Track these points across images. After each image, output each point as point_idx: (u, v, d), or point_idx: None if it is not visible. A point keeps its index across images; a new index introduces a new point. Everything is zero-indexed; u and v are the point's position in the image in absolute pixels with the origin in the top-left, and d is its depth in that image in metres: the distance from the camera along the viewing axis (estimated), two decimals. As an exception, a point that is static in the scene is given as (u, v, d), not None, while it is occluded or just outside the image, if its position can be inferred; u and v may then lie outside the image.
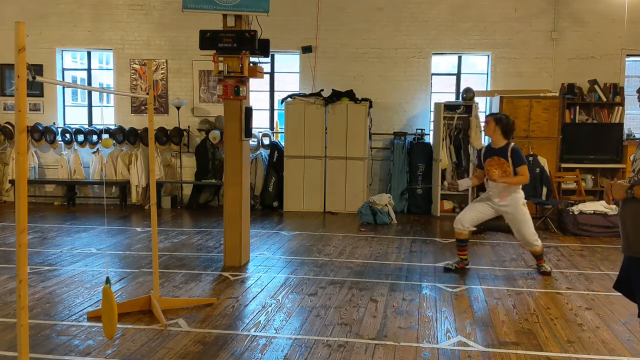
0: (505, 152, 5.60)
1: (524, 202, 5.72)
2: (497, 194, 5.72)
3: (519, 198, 5.69)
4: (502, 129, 5.65)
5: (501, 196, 5.69)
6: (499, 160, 5.61)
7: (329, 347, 3.86)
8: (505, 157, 5.59)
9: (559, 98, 9.32)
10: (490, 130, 5.69)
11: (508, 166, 5.58)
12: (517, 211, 5.68)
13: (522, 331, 4.20)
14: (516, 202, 5.67)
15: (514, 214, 5.70)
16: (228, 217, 6.07)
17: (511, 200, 5.68)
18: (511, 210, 5.70)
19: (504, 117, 5.78)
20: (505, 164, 5.58)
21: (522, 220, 5.70)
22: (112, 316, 3.42)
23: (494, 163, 5.64)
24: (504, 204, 5.71)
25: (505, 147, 5.64)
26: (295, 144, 9.67)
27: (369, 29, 10.03)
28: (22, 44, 2.47)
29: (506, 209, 5.73)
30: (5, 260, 6.11)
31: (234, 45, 5.74)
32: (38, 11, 10.29)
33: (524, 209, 5.69)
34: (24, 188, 2.53)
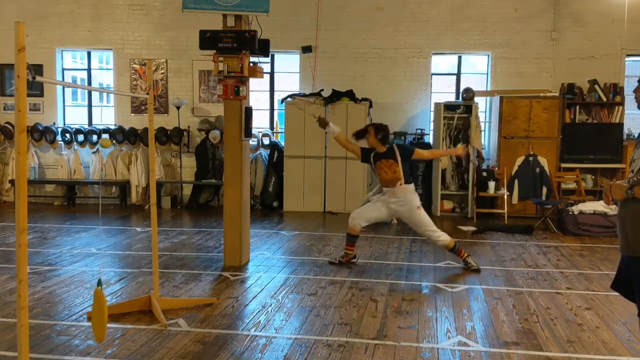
0: (392, 153, 5.90)
1: (418, 206, 5.92)
2: (392, 199, 5.94)
3: (412, 199, 5.91)
4: (382, 137, 5.94)
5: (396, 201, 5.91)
6: (387, 162, 5.89)
7: (329, 347, 3.86)
8: (393, 158, 5.87)
9: (559, 98, 9.32)
10: (371, 139, 5.96)
11: (397, 166, 5.84)
12: (412, 214, 5.91)
13: (522, 331, 4.20)
14: (411, 204, 5.89)
15: (410, 217, 5.95)
16: (228, 217, 6.07)
17: (405, 205, 5.90)
18: (407, 214, 5.96)
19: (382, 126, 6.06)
20: (394, 164, 5.85)
21: (420, 222, 5.92)
22: (102, 319, 3.37)
23: (382, 165, 5.90)
24: (398, 208, 5.95)
25: (390, 150, 5.95)
26: (295, 144, 9.66)
27: (369, 29, 10.03)
28: (22, 44, 2.47)
29: (402, 213, 5.99)
30: (5, 260, 6.11)
31: (234, 45, 5.74)
32: (38, 11, 10.29)
33: (419, 212, 5.90)
34: (24, 188, 2.53)
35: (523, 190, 8.88)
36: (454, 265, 6.18)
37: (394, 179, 5.86)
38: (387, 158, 5.89)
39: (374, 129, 5.99)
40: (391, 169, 5.87)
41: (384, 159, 5.91)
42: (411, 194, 5.93)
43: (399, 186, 5.84)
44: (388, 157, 5.90)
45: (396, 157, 5.87)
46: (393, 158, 5.88)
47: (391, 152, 5.92)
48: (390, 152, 5.92)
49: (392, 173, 5.86)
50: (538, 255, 6.73)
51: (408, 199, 5.90)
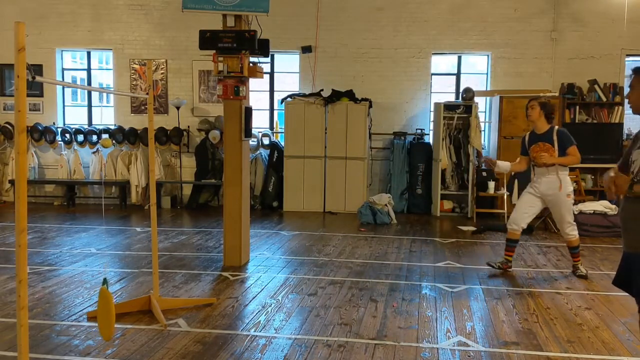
0: (550, 137, 5.58)
1: (568, 193, 5.64)
2: (544, 181, 5.65)
3: (565, 185, 5.60)
4: (546, 113, 5.63)
5: (547, 182, 5.62)
6: (544, 146, 5.57)
7: (328, 347, 3.86)
8: (550, 141, 5.56)
9: (558, 98, 9.31)
10: (535, 115, 5.65)
11: (554, 151, 5.53)
12: (559, 199, 5.61)
13: (522, 331, 4.20)
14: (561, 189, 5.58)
15: (556, 201, 5.65)
16: (228, 217, 6.07)
17: (556, 187, 5.59)
18: (554, 198, 5.64)
19: (548, 101, 5.77)
20: (551, 148, 5.54)
21: (563, 209, 5.64)
22: (109, 318, 3.39)
23: (538, 149, 5.60)
24: (548, 191, 5.64)
25: (549, 131, 5.62)
26: (295, 144, 9.67)
27: (369, 29, 10.03)
28: (22, 44, 2.47)
29: (550, 197, 5.66)
30: (5, 260, 6.11)
31: (234, 45, 5.73)
32: (38, 11, 10.29)
33: (567, 199, 5.62)
34: (23, 188, 2.53)
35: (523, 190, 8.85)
36: (454, 265, 6.18)
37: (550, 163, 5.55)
38: (545, 141, 5.56)
39: (539, 103, 5.65)
40: (548, 153, 5.53)
41: (540, 141, 5.59)
42: (563, 178, 5.60)
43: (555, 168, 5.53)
44: (545, 139, 5.57)
45: (553, 142, 5.54)
46: (550, 142, 5.54)
47: (550, 135, 5.57)
48: (549, 135, 5.57)
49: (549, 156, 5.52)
50: (538, 255, 6.73)
51: (561, 182, 5.59)
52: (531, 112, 5.69)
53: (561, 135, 5.56)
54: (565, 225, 5.71)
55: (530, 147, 5.69)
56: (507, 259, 5.90)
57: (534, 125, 5.73)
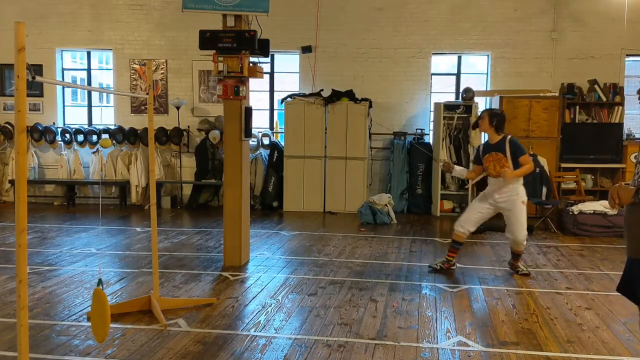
0: (503, 147, 5.60)
1: (523, 201, 5.68)
2: (498, 189, 5.68)
3: (519, 194, 5.65)
4: (497, 123, 5.67)
5: (501, 191, 5.65)
6: (496, 156, 5.59)
7: (328, 347, 3.86)
8: (503, 151, 5.59)
9: (558, 98, 9.32)
10: (485, 126, 5.72)
11: (506, 161, 5.55)
12: (514, 207, 5.65)
13: (522, 331, 4.20)
14: (515, 198, 5.64)
15: (511, 210, 5.67)
16: (228, 217, 6.07)
17: (510, 196, 5.64)
18: (509, 206, 5.67)
19: (498, 112, 5.82)
20: (503, 158, 5.56)
21: (518, 218, 5.67)
22: (104, 319, 3.36)
23: (491, 159, 5.62)
24: (503, 199, 5.67)
25: (502, 141, 5.64)
26: (295, 144, 9.67)
27: (369, 29, 10.03)
28: (22, 44, 2.47)
29: (505, 205, 5.69)
30: (5, 260, 6.11)
31: (234, 45, 5.74)
32: (38, 11, 10.29)
33: (522, 207, 5.66)
34: (23, 188, 2.53)
35: (524, 188, 8.86)
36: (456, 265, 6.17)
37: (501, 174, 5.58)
38: (497, 151, 5.59)
39: (489, 114, 5.74)
40: (499, 163, 5.57)
41: (493, 151, 5.62)
42: (517, 187, 5.66)
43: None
44: (497, 149, 5.60)
45: (505, 152, 5.56)
46: (502, 152, 5.58)
47: (502, 145, 5.61)
48: (501, 145, 5.61)
49: (500, 168, 5.56)
50: (538, 255, 6.73)
51: (513, 192, 5.61)
52: (481, 123, 5.77)
53: (513, 145, 5.60)
54: (520, 236, 5.69)
55: (484, 156, 5.71)
56: (448, 259, 5.94)
57: (488, 135, 5.78)
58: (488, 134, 5.75)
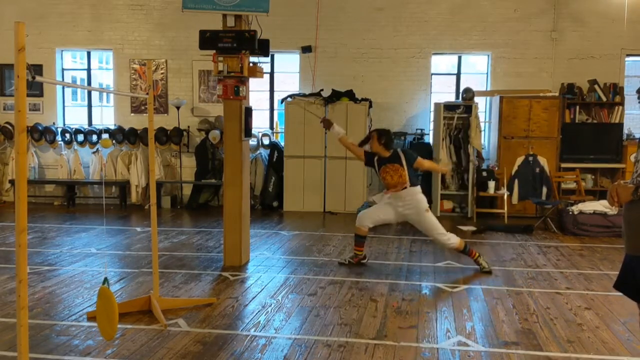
0: (398, 158, 5.83)
1: (426, 208, 5.87)
2: (400, 204, 5.89)
3: (419, 201, 5.84)
4: (385, 141, 5.89)
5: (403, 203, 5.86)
6: (393, 166, 5.80)
7: (328, 347, 3.86)
8: (399, 162, 5.80)
9: (558, 98, 9.32)
10: (375, 145, 5.91)
11: (403, 170, 5.76)
12: (420, 217, 5.85)
13: (522, 331, 4.20)
14: (418, 207, 5.83)
15: (418, 220, 5.89)
16: (228, 217, 6.07)
17: (413, 208, 5.84)
18: (415, 217, 5.89)
19: (385, 131, 6.05)
20: (400, 168, 5.77)
21: (429, 225, 5.86)
22: (112, 317, 3.38)
23: (388, 170, 5.82)
24: (408, 211, 5.88)
25: (395, 154, 5.88)
26: (295, 144, 9.66)
27: (369, 29, 10.03)
28: (22, 44, 2.47)
29: (410, 216, 5.91)
30: (5, 260, 6.11)
31: (234, 45, 5.73)
32: (38, 11, 10.29)
33: (427, 214, 5.84)
34: (23, 188, 2.53)
35: (523, 190, 8.88)
36: (453, 265, 6.18)
37: (399, 183, 5.78)
38: (392, 162, 5.81)
39: (377, 134, 5.94)
40: (397, 173, 5.77)
41: (389, 163, 5.84)
42: (418, 196, 5.84)
43: (405, 190, 5.78)
44: (393, 161, 5.82)
45: (401, 161, 5.78)
46: (398, 162, 5.79)
47: (396, 156, 5.85)
48: (395, 157, 5.84)
49: (397, 177, 5.76)
50: (538, 255, 6.73)
51: (415, 201, 5.82)
52: (372, 143, 5.96)
53: (405, 153, 5.88)
54: (438, 237, 5.86)
55: (380, 167, 5.90)
56: (356, 253, 6.14)
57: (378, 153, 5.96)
58: (379, 152, 5.92)
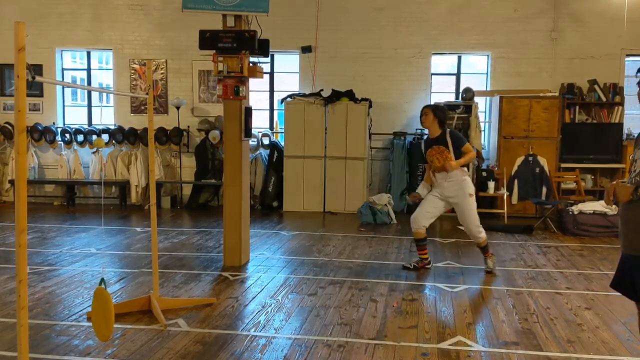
0: (444, 139, 5.70)
1: (471, 193, 5.75)
2: (445, 185, 5.75)
3: (465, 187, 5.73)
4: (440, 117, 5.75)
5: (448, 185, 5.73)
6: (439, 149, 5.68)
7: (328, 347, 3.86)
8: (444, 143, 5.68)
9: (558, 98, 9.32)
10: (429, 121, 5.76)
11: (448, 152, 5.63)
12: (463, 201, 5.73)
13: (522, 331, 4.20)
14: (463, 191, 5.71)
15: (460, 204, 5.76)
16: (228, 217, 6.07)
17: (458, 190, 5.71)
18: (459, 200, 5.75)
19: (441, 106, 5.90)
20: (445, 150, 5.65)
21: (468, 212, 5.75)
22: (108, 318, 3.35)
23: (434, 152, 5.70)
24: (451, 194, 5.75)
25: (442, 135, 5.73)
26: (294, 144, 9.66)
27: (369, 29, 10.03)
28: (22, 44, 2.47)
29: (454, 199, 5.77)
30: (5, 260, 6.11)
31: (234, 45, 5.73)
32: (38, 11, 10.29)
33: (470, 200, 5.73)
34: (23, 188, 2.53)
35: (523, 190, 8.89)
36: (453, 265, 6.18)
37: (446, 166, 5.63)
38: (438, 144, 5.67)
39: (433, 108, 5.80)
40: (442, 155, 5.62)
41: (435, 144, 5.69)
42: (464, 178, 5.72)
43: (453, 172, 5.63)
44: (439, 142, 5.68)
45: (447, 143, 5.65)
46: (444, 144, 5.67)
47: (443, 137, 5.70)
48: (443, 138, 5.69)
49: (443, 159, 5.61)
50: (538, 255, 6.73)
51: (459, 184, 5.68)
52: (425, 119, 5.81)
53: (453, 136, 5.72)
54: (473, 227, 5.77)
55: (427, 152, 5.78)
56: (422, 258, 6.00)
57: (429, 130, 5.85)
58: (430, 129, 5.81)
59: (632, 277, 3.01)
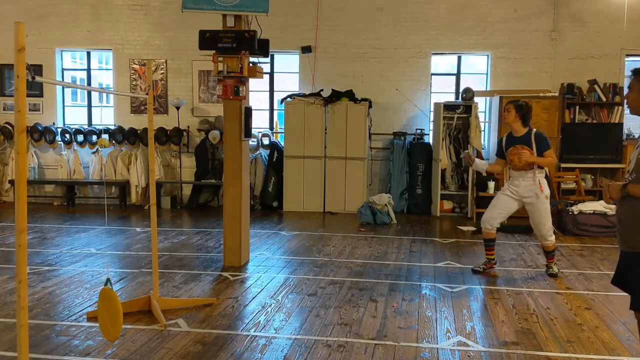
0: (529, 140, 5.54)
1: (547, 195, 5.62)
2: (522, 184, 5.61)
3: (542, 188, 5.58)
4: (523, 116, 5.61)
5: (525, 185, 5.59)
6: (522, 149, 5.52)
7: (328, 347, 3.86)
8: (529, 144, 5.52)
9: (558, 98, 9.32)
10: (511, 118, 5.63)
11: (532, 153, 5.49)
12: (538, 202, 5.58)
13: (522, 331, 4.20)
14: (539, 192, 5.57)
15: (535, 204, 5.60)
16: (228, 217, 6.07)
17: (534, 190, 5.57)
18: (533, 200, 5.60)
19: (524, 103, 5.74)
20: (530, 151, 5.50)
21: (542, 213, 5.60)
22: (116, 318, 3.35)
23: (516, 152, 5.55)
24: (527, 194, 5.60)
25: (527, 135, 5.59)
26: (294, 144, 9.66)
27: (369, 29, 10.03)
28: (22, 44, 2.47)
29: (529, 199, 5.62)
30: (5, 261, 6.11)
31: (234, 46, 5.73)
32: (38, 11, 10.28)
33: (545, 201, 5.59)
34: (23, 188, 2.53)
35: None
36: (453, 265, 6.18)
37: (526, 165, 5.52)
38: (523, 143, 5.52)
39: (515, 105, 5.63)
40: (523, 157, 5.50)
41: (518, 144, 5.54)
42: (542, 180, 5.58)
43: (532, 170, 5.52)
44: (524, 142, 5.53)
45: (531, 144, 5.50)
46: (528, 144, 5.51)
47: (528, 138, 5.54)
48: (527, 138, 5.54)
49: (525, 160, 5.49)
50: (538, 255, 6.72)
51: (537, 184, 5.55)
52: (507, 115, 5.68)
53: (539, 139, 5.55)
54: (545, 230, 5.66)
55: (508, 149, 5.66)
56: (488, 259, 5.90)
57: (511, 127, 5.72)
58: (513, 126, 5.67)
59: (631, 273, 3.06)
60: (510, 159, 5.63)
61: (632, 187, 2.99)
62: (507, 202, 5.73)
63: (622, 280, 3.15)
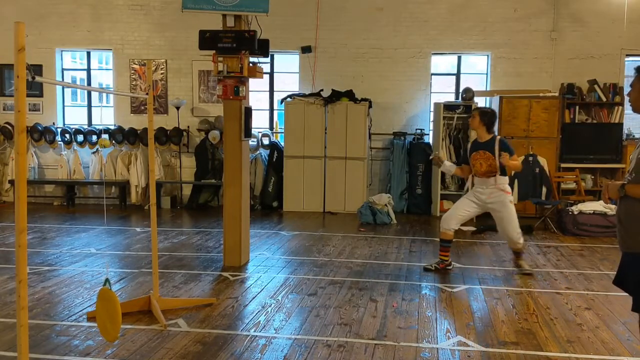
0: (492, 146, 5.60)
1: (511, 200, 5.70)
2: (485, 191, 5.68)
3: (506, 195, 5.67)
4: (487, 122, 5.67)
5: (489, 191, 5.66)
6: (484, 154, 5.60)
7: (328, 347, 3.86)
8: (491, 151, 5.59)
9: (558, 98, 9.32)
10: (475, 124, 5.72)
11: (494, 160, 5.56)
12: (504, 208, 5.65)
13: (522, 331, 4.20)
14: (504, 198, 5.64)
15: (501, 211, 5.67)
16: (228, 217, 6.07)
17: (499, 196, 5.64)
18: (498, 207, 5.67)
19: (489, 110, 5.83)
20: (491, 157, 5.57)
21: (509, 218, 5.67)
22: (114, 318, 3.35)
23: (479, 157, 5.63)
24: (492, 200, 5.67)
25: (491, 141, 5.64)
26: (294, 144, 9.66)
27: (369, 29, 10.03)
28: (22, 44, 2.47)
29: (493, 205, 5.69)
30: (5, 261, 6.11)
31: (234, 46, 5.73)
32: (38, 11, 10.28)
33: (510, 206, 5.67)
34: (23, 188, 2.53)
35: (523, 190, 8.88)
36: (453, 265, 6.17)
37: (489, 172, 5.59)
38: (485, 149, 5.59)
39: (480, 112, 5.74)
40: (487, 161, 5.58)
41: (481, 149, 5.62)
42: (506, 187, 5.66)
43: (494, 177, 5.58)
44: (486, 148, 5.60)
45: (494, 151, 5.54)
46: (491, 151, 5.56)
47: (492, 144, 5.60)
48: (491, 145, 5.60)
49: (487, 166, 5.58)
50: (538, 255, 6.73)
51: (501, 193, 5.62)
52: (471, 121, 5.79)
53: (503, 145, 5.60)
54: (515, 235, 5.69)
55: (471, 154, 5.71)
56: (442, 259, 5.92)
57: (477, 133, 5.79)
58: (478, 132, 5.76)
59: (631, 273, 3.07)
60: (472, 164, 5.71)
61: (630, 187, 2.99)
62: (468, 207, 5.81)
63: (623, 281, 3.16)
